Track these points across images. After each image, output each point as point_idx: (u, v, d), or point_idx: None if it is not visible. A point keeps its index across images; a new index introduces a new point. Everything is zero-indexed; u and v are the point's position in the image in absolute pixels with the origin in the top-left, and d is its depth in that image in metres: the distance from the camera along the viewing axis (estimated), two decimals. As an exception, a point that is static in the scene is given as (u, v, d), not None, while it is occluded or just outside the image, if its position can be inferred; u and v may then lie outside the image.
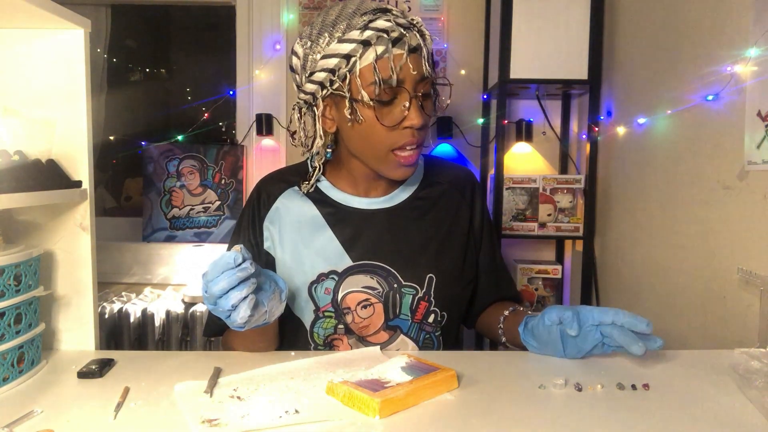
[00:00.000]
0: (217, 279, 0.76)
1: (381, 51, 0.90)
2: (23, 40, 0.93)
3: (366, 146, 0.97)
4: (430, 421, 0.70)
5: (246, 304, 0.77)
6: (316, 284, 1.02)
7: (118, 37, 2.47)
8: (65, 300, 0.96)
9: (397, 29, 0.90)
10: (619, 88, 1.81)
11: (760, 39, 1.08)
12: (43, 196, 0.84)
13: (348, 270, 1.02)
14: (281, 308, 0.88)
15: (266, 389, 0.78)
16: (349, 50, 0.90)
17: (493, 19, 2.06)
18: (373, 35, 0.89)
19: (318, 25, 0.94)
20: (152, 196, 2.21)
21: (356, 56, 0.90)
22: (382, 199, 1.06)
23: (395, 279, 1.02)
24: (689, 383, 0.83)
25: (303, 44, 0.96)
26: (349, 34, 0.90)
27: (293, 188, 1.07)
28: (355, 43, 0.90)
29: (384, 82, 0.90)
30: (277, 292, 0.86)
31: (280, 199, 1.06)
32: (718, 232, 1.23)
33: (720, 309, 1.21)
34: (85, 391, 0.79)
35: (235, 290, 0.76)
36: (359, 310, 1.02)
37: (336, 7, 0.95)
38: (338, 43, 0.91)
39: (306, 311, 1.02)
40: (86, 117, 0.94)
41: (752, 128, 1.09)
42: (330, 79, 0.93)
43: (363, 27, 0.90)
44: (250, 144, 2.25)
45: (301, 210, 1.05)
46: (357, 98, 0.92)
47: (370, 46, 0.90)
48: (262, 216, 1.06)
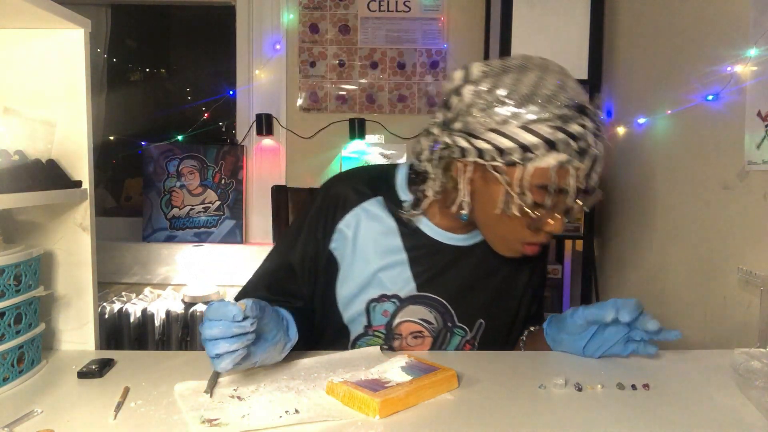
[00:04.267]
0: (212, 324, 0.73)
1: (564, 160, 0.82)
2: (23, 40, 0.93)
3: (495, 227, 0.92)
4: (430, 421, 0.70)
5: (231, 358, 0.73)
6: (376, 303, 1.00)
7: (118, 37, 2.47)
8: (65, 300, 0.96)
9: (586, 138, 0.83)
10: (619, 88, 1.81)
11: (760, 39, 1.08)
12: (43, 196, 0.84)
13: (410, 299, 1.00)
14: (280, 357, 0.84)
15: (266, 389, 0.78)
16: (531, 144, 0.82)
17: (493, 19, 2.06)
18: (563, 140, 0.82)
19: (502, 86, 0.84)
20: (152, 196, 2.21)
21: (535, 154, 0.82)
22: (461, 237, 1.02)
23: (450, 317, 1.02)
24: (689, 383, 0.83)
25: (475, 93, 0.86)
26: (537, 125, 0.82)
27: (377, 198, 1.02)
28: (540, 139, 0.82)
29: (555, 190, 0.84)
30: (281, 343, 0.83)
31: (362, 206, 1.01)
32: (718, 232, 1.22)
33: (720, 309, 1.21)
34: (85, 391, 0.79)
35: (226, 342, 0.73)
36: (410, 339, 1.02)
37: (529, 75, 0.84)
38: (521, 128, 0.82)
39: (356, 324, 1.01)
40: (86, 117, 0.94)
41: (752, 128, 1.09)
42: (493, 155, 0.85)
43: (555, 127, 0.81)
44: (250, 144, 2.25)
45: (381, 224, 1.01)
46: (515, 191, 0.85)
47: (554, 150, 0.82)
48: (337, 218, 1.01)
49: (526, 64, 0.86)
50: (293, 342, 0.86)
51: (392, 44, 2.22)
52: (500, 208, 0.87)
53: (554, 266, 2.06)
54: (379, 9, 2.21)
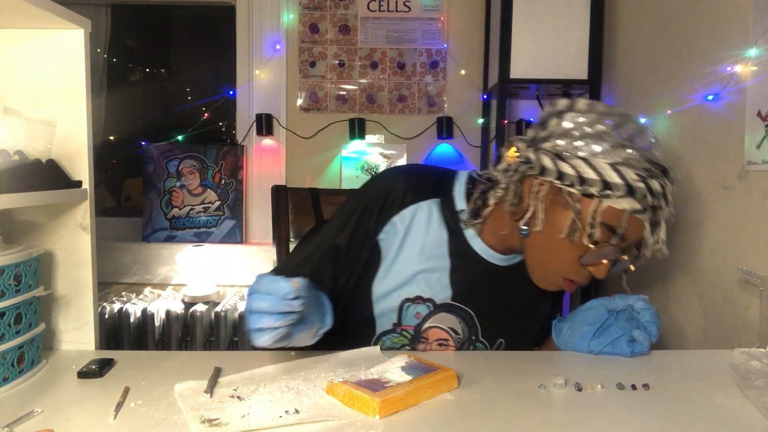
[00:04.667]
0: (261, 297, 0.73)
1: (637, 209, 0.86)
2: (23, 40, 0.93)
3: (545, 254, 0.94)
4: (430, 421, 0.70)
5: (272, 334, 0.74)
6: (410, 303, 1.01)
7: (118, 37, 2.47)
8: (65, 300, 0.96)
9: (661, 200, 0.87)
10: (619, 88, 1.81)
11: (760, 39, 1.08)
12: (43, 196, 0.84)
13: (444, 306, 1.02)
14: (311, 341, 0.85)
15: (266, 389, 0.78)
16: (613, 183, 0.85)
17: (493, 19, 2.06)
18: (643, 191, 0.85)
19: (604, 125, 0.88)
20: (152, 196, 2.21)
21: (613, 194, 0.85)
22: (502, 257, 1.03)
23: (476, 331, 1.04)
24: (689, 383, 0.83)
25: (575, 122, 0.89)
26: (624, 169, 0.85)
27: (435, 200, 1.02)
28: (623, 182, 0.85)
29: (615, 233, 0.87)
30: (316, 327, 0.83)
31: (420, 204, 1.01)
32: (718, 232, 1.22)
33: (720, 309, 1.21)
34: (85, 391, 0.79)
35: (271, 317, 0.73)
36: (434, 345, 1.03)
37: (630, 125, 0.89)
38: (609, 166, 0.86)
39: (385, 320, 1.01)
40: (86, 117, 0.94)
41: (752, 128, 1.09)
42: (573, 181, 0.87)
43: (641, 177, 0.85)
44: (250, 144, 2.25)
45: (432, 228, 1.01)
46: (585, 221, 0.88)
47: (632, 197, 0.85)
48: (393, 210, 1.00)
49: (629, 116, 0.91)
50: (327, 328, 0.85)
51: (392, 44, 2.22)
52: (564, 233, 0.89)
53: (554, 266, 2.06)
54: (379, 9, 2.21)
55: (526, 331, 1.09)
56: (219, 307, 1.98)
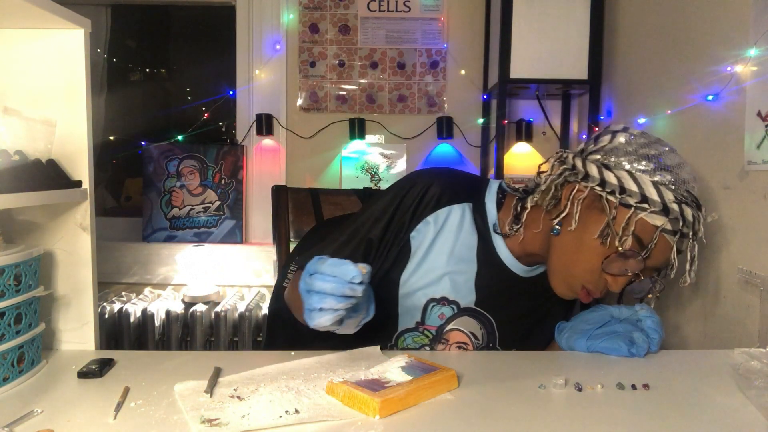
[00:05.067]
0: (327, 279, 0.74)
1: (667, 229, 0.90)
2: (23, 40, 0.93)
3: (570, 256, 0.96)
4: (430, 421, 0.70)
5: (333, 316, 0.74)
6: (435, 304, 1.02)
7: (118, 37, 2.47)
8: (65, 300, 0.96)
9: (689, 228, 0.91)
10: (619, 88, 1.81)
11: (760, 39, 1.08)
12: (43, 196, 0.84)
13: (468, 310, 1.03)
14: (353, 330, 0.85)
15: (266, 389, 0.78)
16: (651, 199, 0.90)
17: (493, 19, 2.06)
18: (676, 213, 0.90)
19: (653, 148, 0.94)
20: (152, 196, 2.21)
21: (649, 209, 0.89)
22: (525, 268, 1.05)
23: (494, 339, 1.05)
24: (689, 383, 0.83)
25: (628, 141, 0.95)
26: (664, 190, 0.90)
27: (468, 205, 1.04)
28: (660, 200, 0.90)
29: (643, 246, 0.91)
30: (360, 317, 0.83)
31: (455, 207, 1.03)
32: (717, 232, 1.22)
33: (720, 309, 1.21)
34: (85, 391, 0.79)
35: (333, 299, 0.73)
36: (453, 348, 1.03)
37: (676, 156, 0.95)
38: (651, 184, 0.90)
39: (408, 318, 1.02)
40: (86, 117, 0.94)
41: (752, 128, 1.09)
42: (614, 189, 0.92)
43: (678, 200, 0.90)
44: (250, 144, 2.25)
45: (464, 231, 1.03)
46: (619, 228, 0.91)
47: (665, 216, 0.89)
48: (428, 209, 1.02)
49: (674, 150, 0.97)
50: (369, 318, 0.85)
51: (392, 44, 2.22)
52: (596, 235, 0.92)
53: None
54: (379, 9, 2.21)
55: (536, 343, 1.10)
56: (219, 307, 1.98)
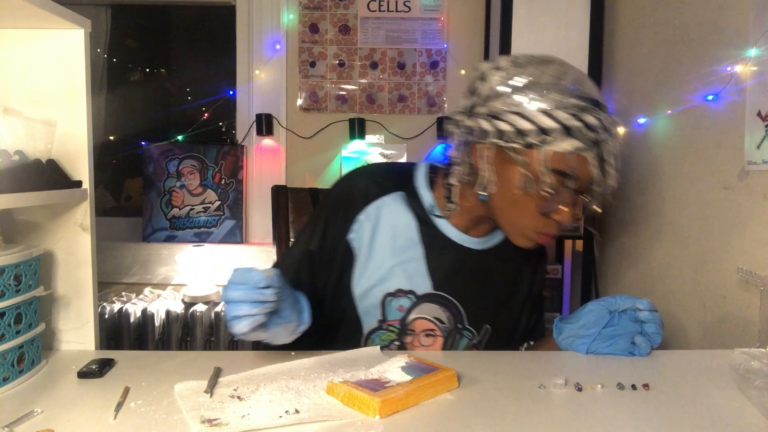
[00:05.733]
0: (236, 287, 0.76)
1: (579, 147, 0.86)
2: (23, 40, 0.93)
3: (510, 213, 0.94)
4: (430, 421, 0.70)
5: (249, 321, 0.76)
6: (392, 298, 1.01)
7: (118, 37, 2.47)
8: (65, 300, 0.96)
9: (601, 132, 0.87)
10: (619, 88, 1.81)
11: (760, 39, 1.08)
12: (43, 196, 0.84)
13: (426, 296, 1.02)
14: (290, 338, 0.87)
15: (266, 389, 0.78)
16: (549, 127, 0.86)
17: (493, 19, 2.06)
18: (579, 128, 0.85)
19: (527, 75, 0.89)
20: (152, 196, 2.21)
21: (553, 137, 0.86)
22: (477, 240, 1.04)
23: (461, 319, 1.04)
24: (689, 383, 0.83)
25: (501, 80, 0.91)
26: (556, 112, 0.86)
27: (399, 193, 1.03)
28: (558, 124, 0.86)
29: (567, 176, 0.87)
30: (293, 324, 0.85)
31: (383, 199, 1.02)
32: (718, 232, 1.22)
33: (720, 309, 1.21)
34: (85, 391, 0.79)
35: (247, 305, 0.75)
36: (422, 337, 1.03)
37: (552, 67, 0.90)
38: (541, 112, 0.86)
39: (370, 318, 1.02)
40: (86, 117, 0.94)
41: (752, 128, 1.09)
42: (512, 137, 0.88)
43: (572, 114, 0.86)
44: (250, 144, 2.25)
45: (400, 219, 1.02)
46: (535, 171, 0.88)
47: (570, 137, 0.86)
48: (357, 208, 1.02)
49: (548, 59, 0.92)
50: (305, 326, 0.87)
51: (392, 44, 2.22)
52: (519, 188, 0.90)
53: (554, 266, 2.06)
54: (379, 9, 2.21)
55: (509, 314, 1.09)
56: (219, 307, 1.98)
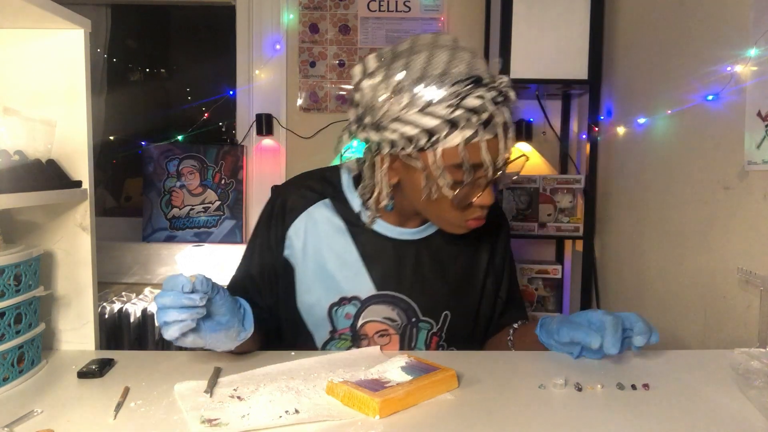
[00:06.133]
0: (164, 294, 0.76)
1: (469, 135, 0.82)
2: (23, 40, 0.93)
3: (431, 210, 0.93)
4: (430, 421, 0.70)
5: (178, 327, 0.76)
6: (337, 307, 1.00)
7: (118, 37, 2.47)
8: (65, 300, 0.96)
9: (488, 108, 0.82)
10: (619, 88, 1.81)
11: (760, 39, 1.08)
12: (43, 196, 0.84)
13: (371, 299, 1.01)
14: (233, 345, 0.85)
15: (266, 389, 0.78)
16: (433, 126, 0.82)
17: (493, 19, 2.06)
18: (462, 116, 0.81)
19: (395, 73, 0.84)
20: (152, 196, 2.21)
21: (440, 135, 0.82)
22: (414, 230, 1.02)
23: (414, 313, 1.02)
24: (689, 383, 0.83)
25: (372, 88, 0.86)
26: (434, 108, 0.82)
27: (323, 201, 1.02)
28: (440, 120, 0.82)
29: (470, 166, 0.84)
30: (235, 330, 0.84)
31: (309, 210, 1.01)
32: (718, 232, 1.22)
33: (720, 309, 1.21)
34: (85, 391, 0.79)
35: (175, 311, 0.75)
36: (376, 338, 1.02)
37: (420, 57, 0.84)
38: (420, 113, 0.82)
39: (321, 330, 1.02)
40: (86, 117, 0.94)
41: (752, 128, 1.09)
42: (403, 145, 0.86)
43: (452, 105, 0.81)
44: (250, 144, 2.25)
45: (330, 227, 1.01)
46: (433, 174, 0.86)
47: (457, 128, 0.82)
48: (286, 224, 1.01)
49: (414, 47, 0.86)
50: (248, 333, 0.86)
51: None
52: (426, 193, 0.88)
53: (554, 266, 2.06)
54: (379, 9, 2.21)
55: (468, 296, 1.06)
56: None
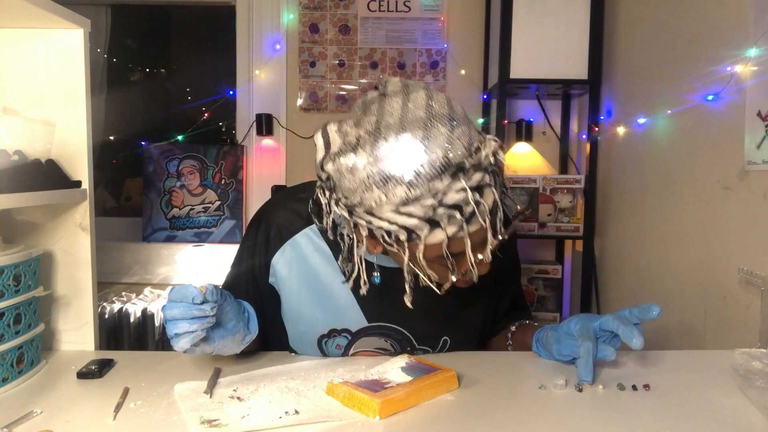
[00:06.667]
0: (173, 305, 0.74)
1: (452, 233, 0.75)
2: (23, 40, 0.93)
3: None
4: (430, 422, 0.70)
5: (189, 338, 0.74)
6: (327, 339, 0.96)
7: (118, 37, 2.47)
8: (65, 300, 0.96)
9: (471, 201, 0.73)
10: (619, 88, 1.81)
11: (760, 39, 1.08)
12: (43, 196, 0.84)
13: (362, 331, 0.96)
14: (238, 349, 0.83)
15: (266, 389, 0.78)
16: (412, 226, 0.74)
17: (493, 19, 2.06)
18: (445, 215, 0.73)
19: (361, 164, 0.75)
20: (152, 196, 2.21)
21: (421, 233, 0.75)
22: None
23: (409, 342, 0.98)
24: (689, 383, 0.83)
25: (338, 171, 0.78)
26: (410, 207, 0.73)
27: (310, 228, 0.95)
28: (419, 220, 0.74)
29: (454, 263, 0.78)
30: (241, 335, 0.82)
31: (295, 238, 0.95)
32: (718, 232, 1.22)
33: (720, 309, 1.21)
34: (85, 392, 0.79)
35: (185, 322, 0.74)
36: None
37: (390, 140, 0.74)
38: (395, 213, 0.74)
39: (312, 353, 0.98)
40: (86, 117, 0.94)
41: (752, 128, 1.09)
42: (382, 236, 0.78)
43: (431, 205, 0.73)
44: (250, 144, 2.25)
45: (316, 256, 0.95)
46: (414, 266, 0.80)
47: (438, 227, 0.74)
48: (270, 252, 0.96)
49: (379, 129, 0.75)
50: (253, 335, 0.84)
51: (392, 44, 2.22)
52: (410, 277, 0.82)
53: (554, 266, 2.06)
54: (379, 9, 2.21)
55: (469, 319, 1.01)
56: (219, 307, 1.97)
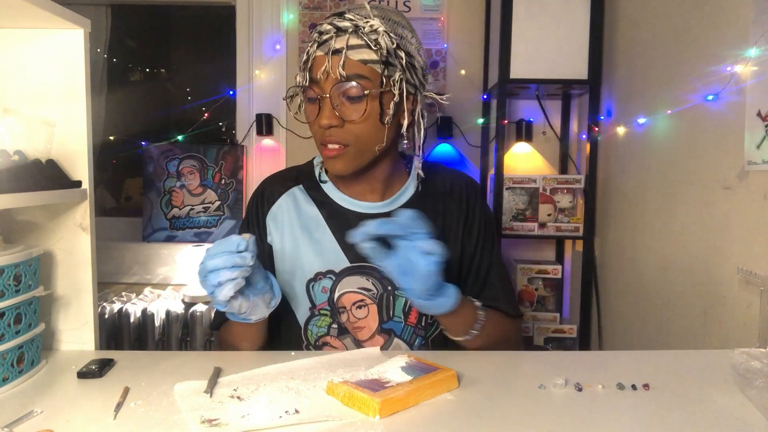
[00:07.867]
0: (216, 255, 0.80)
1: (310, 52, 0.96)
2: (23, 40, 0.93)
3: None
4: (430, 421, 0.70)
5: (231, 285, 0.80)
6: (314, 282, 1.04)
7: (118, 37, 2.47)
8: (65, 300, 0.96)
9: (330, 32, 0.93)
10: (619, 88, 1.81)
11: (760, 39, 1.08)
12: (43, 196, 0.84)
13: (345, 271, 1.04)
14: (265, 313, 0.91)
15: (266, 389, 0.78)
16: (307, 49, 0.98)
17: (493, 19, 2.06)
18: (314, 37, 0.96)
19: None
20: (152, 196, 2.21)
21: (305, 55, 0.98)
22: (380, 204, 1.06)
23: (389, 281, 1.04)
24: (689, 383, 0.83)
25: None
26: (313, 35, 0.97)
27: (297, 187, 1.09)
28: (310, 43, 0.97)
29: (302, 80, 0.97)
30: (268, 296, 0.90)
31: (283, 197, 1.08)
32: (718, 232, 1.22)
33: (720, 309, 1.21)
34: (85, 391, 0.79)
35: (227, 270, 0.79)
36: (354, 310, 1.03)
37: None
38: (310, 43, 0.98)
39: (302, 308, 1.05)
40: (86, 117, 0.94)
41: (752, 128, 1.09)
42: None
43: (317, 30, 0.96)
44: (250, 144, 2.25)
45: (303, 209, 1.07)
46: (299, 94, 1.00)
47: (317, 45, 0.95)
48: (264, 212, 1.08)
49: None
50: (278, 299, 0.92)
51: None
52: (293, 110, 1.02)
53: (554, 266, 2.06)
54: (379, 9, 2.21)
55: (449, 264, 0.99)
56: (219, 307, 1.97)
